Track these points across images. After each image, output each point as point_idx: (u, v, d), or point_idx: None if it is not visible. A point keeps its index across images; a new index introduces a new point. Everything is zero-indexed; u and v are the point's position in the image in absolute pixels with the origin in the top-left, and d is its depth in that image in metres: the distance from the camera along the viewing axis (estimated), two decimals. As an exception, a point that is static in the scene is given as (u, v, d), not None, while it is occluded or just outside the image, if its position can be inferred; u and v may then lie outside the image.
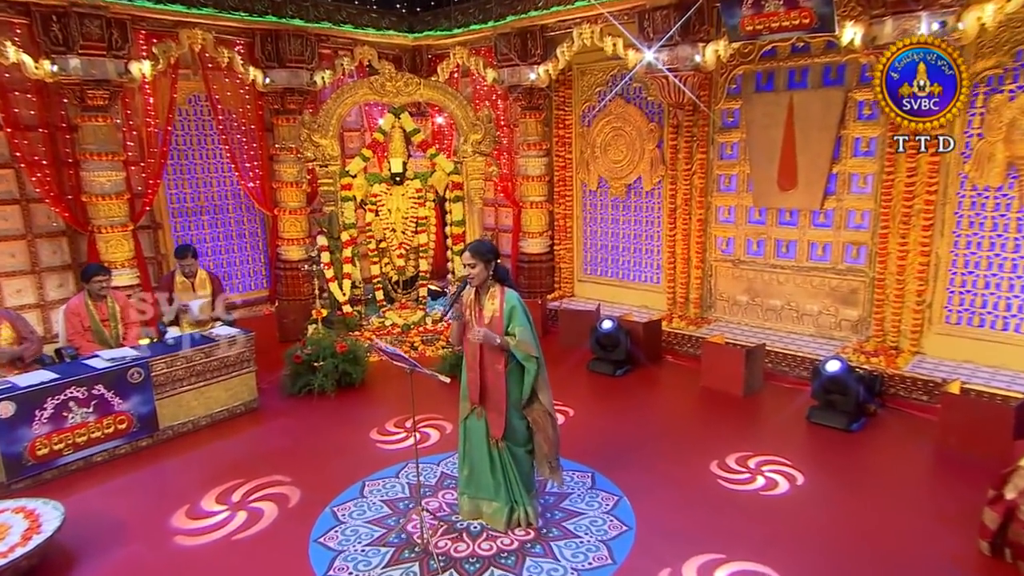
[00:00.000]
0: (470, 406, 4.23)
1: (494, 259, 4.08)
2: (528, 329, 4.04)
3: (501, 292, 4.07)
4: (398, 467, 5.16)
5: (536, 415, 4.18)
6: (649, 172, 8.15)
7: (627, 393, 6.67)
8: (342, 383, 6.68)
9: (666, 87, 7.17)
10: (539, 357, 4.07)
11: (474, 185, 8.36)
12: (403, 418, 6.03)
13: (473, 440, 4.27)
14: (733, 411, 6.13)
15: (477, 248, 4.05)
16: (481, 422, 4.20)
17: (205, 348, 5.92)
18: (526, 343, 4.00)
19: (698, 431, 5.76)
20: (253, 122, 8.70)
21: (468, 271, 4.03)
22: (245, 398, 6.25)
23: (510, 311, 4.03)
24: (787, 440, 5.48)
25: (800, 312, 7.21)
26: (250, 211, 9.02)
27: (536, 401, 4.16)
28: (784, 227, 7.21)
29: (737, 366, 6.33)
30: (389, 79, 8.05)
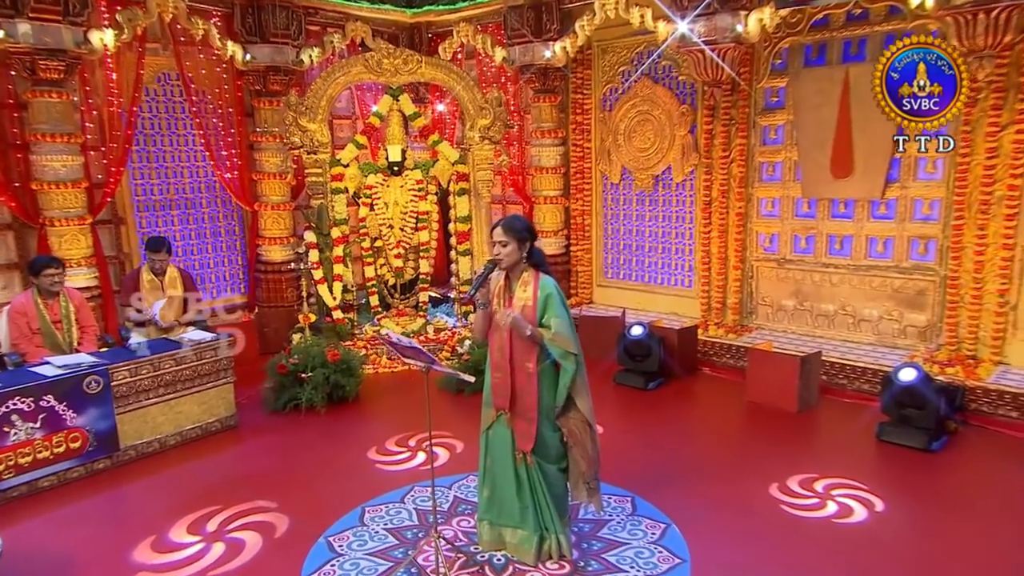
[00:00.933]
0: (495, 413, 3.89)
1: (530, 239, 3.78)
2: (566, 321, 3.73)
3: (535, 278, 3.76)
4: (403, 491, 4.81)
5: (573, 425, 3.84)
6: (680, 161, 7.89)
7: (662, 408, 6.36)
8: (333, 397, 6.36)
9: (701, 63, 6.90)
10: (578, 355, 3.75)
11: (482, 177, 8.09)
12: (406, 435, 5.73)
13: (496, 454, 3.92)
14: (788, 428, 5.83)
15: (510, 224, 3.74)
16: (507, 432, 3.86)
17: (176, 354, 5.57)
18: (563, 337, 3.68)
19: (750, 450, 5.45)
20: (231, 105, 8.39)
21: (498, 250, 3.72)
22: (221, 413, 5.89)
23: (545, 299, 3.71)
24: (857, 461, 5.17)
25: (857, 318, 6.92)
26: (226, 206, 8.69)
27: (573, 408, 3.83)
28: (838, 220, 6.95)
29: (790, 377, 6.02)
30: (387, 56, 7.82)
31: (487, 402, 3.94)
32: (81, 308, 5.82)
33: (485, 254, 8.22)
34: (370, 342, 7.62)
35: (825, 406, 6.23)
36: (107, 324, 7.09)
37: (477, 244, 8.21)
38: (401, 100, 7.96)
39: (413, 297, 8.32)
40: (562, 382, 3.75)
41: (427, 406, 3.90)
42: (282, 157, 8.41)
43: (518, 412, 3.81)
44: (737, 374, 6.99)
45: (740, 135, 7.35)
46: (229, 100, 8.38)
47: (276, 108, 8.28)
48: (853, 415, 5.97)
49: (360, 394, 6.59)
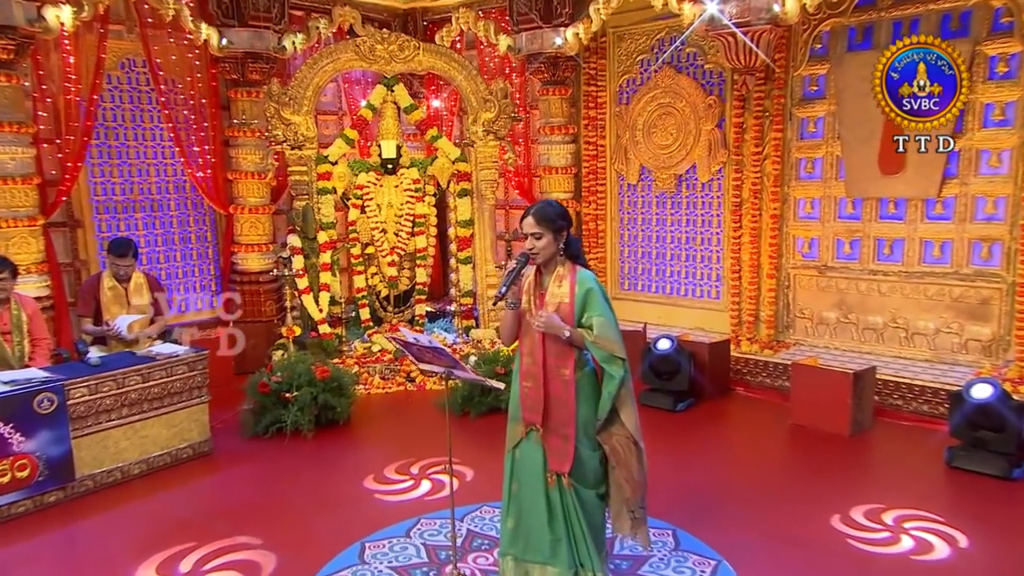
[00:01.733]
0: (523, 428, 3.61)
1: (566, 227, 3.52)
2: (611, 320, 3.46)
3: (572, 272, 3.50)
4: (408, 523, 4.51)
5: (616, 443, 3.54)
6: (707, 159, 7.71)
7: (696, 432, 6.12)
8: (322, 420, 6.07)
9: (732, 48, 6.74)
10: (626, 360, 3.47)
11: (485, 176, 7.88)
12: (407, 462, 5.45)
13: (524, 477, 3.62)
14: (842, 453, 5.59)
15: (542, 212, 3.47)
16: (538, 452, 3.56)
17: (143, 369, 5.24)
18: (608, 338, 3.40)
19: (802, 478, 5.20)
20: (204, 95, 8.15)
21: (531, 243, 3.45)
22: (194, 438, 5.58)
23: (584, 296, 3.45)
24: (927, 490, 4.92)
25: (910, 331, 6.71)
26: (198, 209, 8.41)
27: (616, 423, 3.53)
28: (887, 222, 6.78)
29: (842, 396, 5.78)
30: (380, 42, 7.62)
31: (514, 417, 3.67)
32: (34, 318, 5.50)
33: (488, 263, 7.97)
34: (360, 360, 7.31)
35: (881, 429, 5.99)
36: (60, 339, 6.77)
37: (480, 251, 7.95)
38: (396, 91, 7.74)
39: (408, 310, 8.02)
40: (605, 391, 3.47)
41: (447, 421, 3.64)
42: (262, 154, 8.16)
43: (552, 427, 3.52)
44: (775, 395, 6.78)
45: (775, 128, 7.19)
46: (202, 90, 8.15)
47: (255, 99, 8.04)
48: (915, 439, 5.75)
49: (351, 417, 6.30)
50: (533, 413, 3.55)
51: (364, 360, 7.35)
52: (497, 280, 7.99)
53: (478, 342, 7.66)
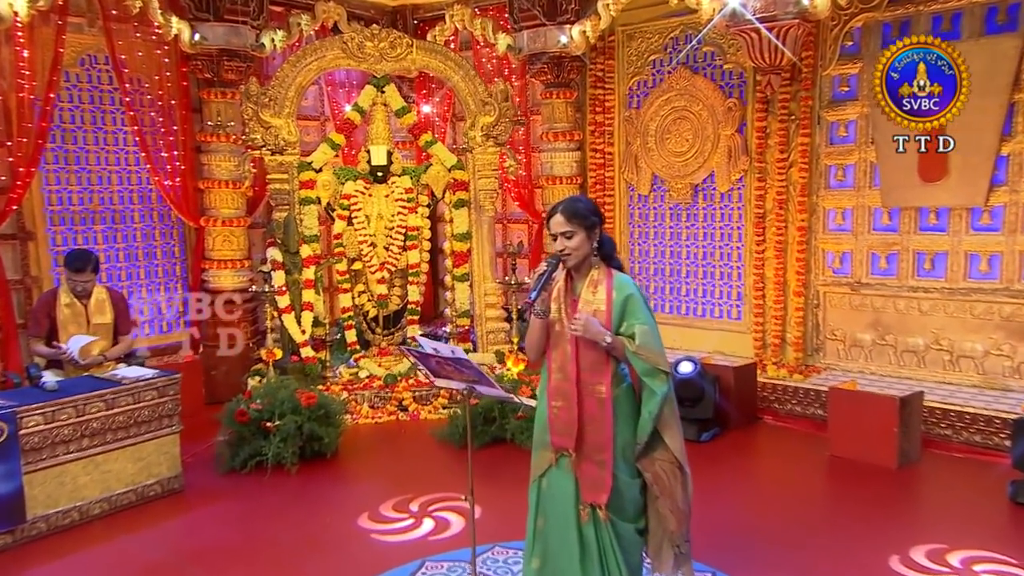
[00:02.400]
0: (552, 455, 3.39)
1: (599, 224, 3.35)
2: (654, 329, 3.29)
3: (607, 276, 3.33)
4: (411, 567, 4.28)
5: (660, 469, 3.33)
6: (726, 166, 7.59)
7: (726, 464, 5.92)
8: (307, 452, 5.81)
9: (756, 45, 6.61)
10: (669, 373, 3.29)
11: (484, 186, 7.68)
12: (405, 498, 5.21)
13: (553, 511, 3.39)
14: (891, 488, 5.39)
15: (573, 208, 3.29)
16: (568, 481, 3.34)
17: (106, 395, 4.94)
18: (651, 349, 3.22)
19: (851, 515, 4.96)
20: (174, 96, 7.92)
21: (561, 244, 3.27)
22: (163, 473, 5.29)
23: (623, 302, 3.27)
24: (994, 528, 4.72)
25: (955, 353, 6.56)
26: (164, 221, 8.14)
27: (659, 446, 3.33)
28: (928, 234, 6.67)
29: (887, 424, 5.60)
30: (370, 38, 7.48)
31: (540, 442, 3.44)
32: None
33: (487, 280, 7.75)
34: (347, 387, 7.03)
35: (930, 461, 5.80)
36: (8, 362, 6.47)
37: (478, 268, 7.73)
38: (387, 92, 7.56)
39: (399, 332, 7.75)
40: (646, 410, 3.27)
41: (468, 444, 3.38)
42: (237, 161, 7.91)
43: (586, 453, 3.31)
44: (807, 424, 6.63)
45: (802, 133, 7.07)
46: (171, 90, 7.92)
47: (230, 101, 7.84)
48: (970, 472, 5.56)
49: (339, 449, 6.05)
50: (564, 437, 3.34)
51: (351, 387, 7.08)
52: (497, 298, 7.80)
53: (426, 378, 7.38)
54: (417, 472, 5.72)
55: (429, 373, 3.38)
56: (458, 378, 3.24)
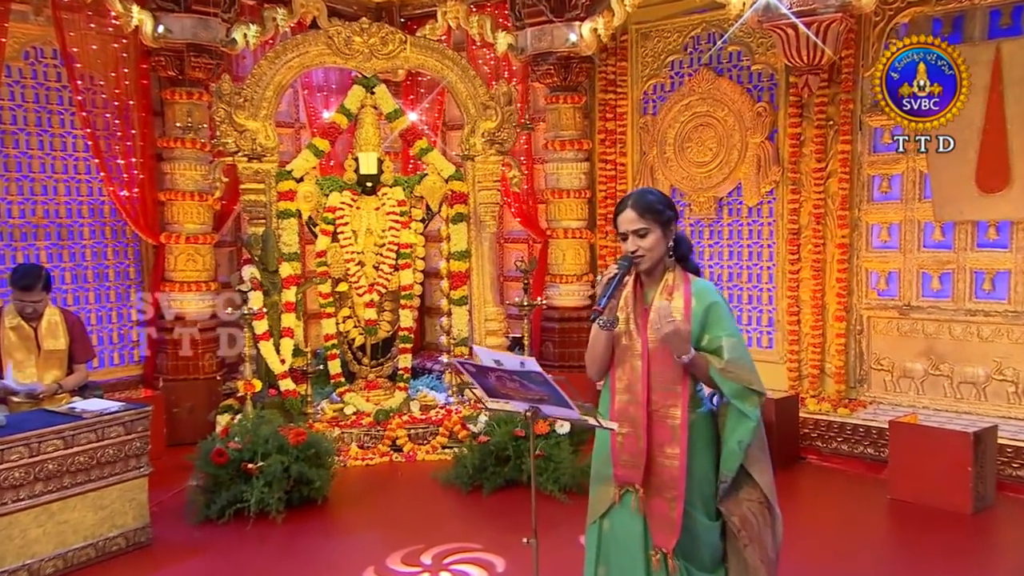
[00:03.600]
0: (616, 491, 3.15)
1: (675, 220, 3.14)
2: (742, 342, 3.11)
3: (685, 281, 3.12)
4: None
5: (747, 511, 3.09)
6: (755, 178, 7.44)
7: (774, 511, 5.60)
8: (295, 498, 5.45)
9: (792, 42, 6.52)
10: (763, 395, 3.06)
11: (485, 198, 7.42)
12: (414, 550, 4.91)
13: (617, 556, 3.15)
14: (967, 536, 5.19)
15: (646, 201, 3.07)
16: (636, 521, 3.09)
17: (65, 431, 4.54)
18: (743, 365, 3.03)
19: (927, 568, 4.74)
20: (132, 96, 7.65)
21: (633, 244, 3.04)
22: (128, 524, 4.90)
23: (706, 311, 3.07)
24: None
25: (1020, 384, 6.39)
26: (119, 237, 7.81)
27: (747, 484, 3.11)
28: (988, 250, 6.54)
29: (961, 463, 5.39)
30: (359, 33, 7.25)
31: (601, 475, 3.21)
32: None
33: (488, 304, 7.46)
34: (331, 424, 6.66)
35: (1006, 506, 5.58)
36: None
37: (478, 290, 7.43)
38: (377, 93, 7.29)
39: (388, 363, 7.40)
40: (734, 440, 3.04)
41: (532, 482, 3.05)
42: (204, 170, 7.61)
43: (655, 488, 3.06)
44: (857, 464, 6.45)
45: (842, 140, 6.95)
46: (130, 89, 7.66)
47: (197, 102, 7.59)
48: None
49: (329, 494, 5.68)
50: (630, 469, 3.10)
51: (337, 425, 6.71)
52: (500, 325, 7.51)
53: (476, 402, 7.07)
54: (423, 520, 5.44)
55: (483, 393, 3.06)
56: (520, 397, 2.93)
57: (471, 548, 4.84)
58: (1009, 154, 6.26)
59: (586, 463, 5.66)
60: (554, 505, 5.46)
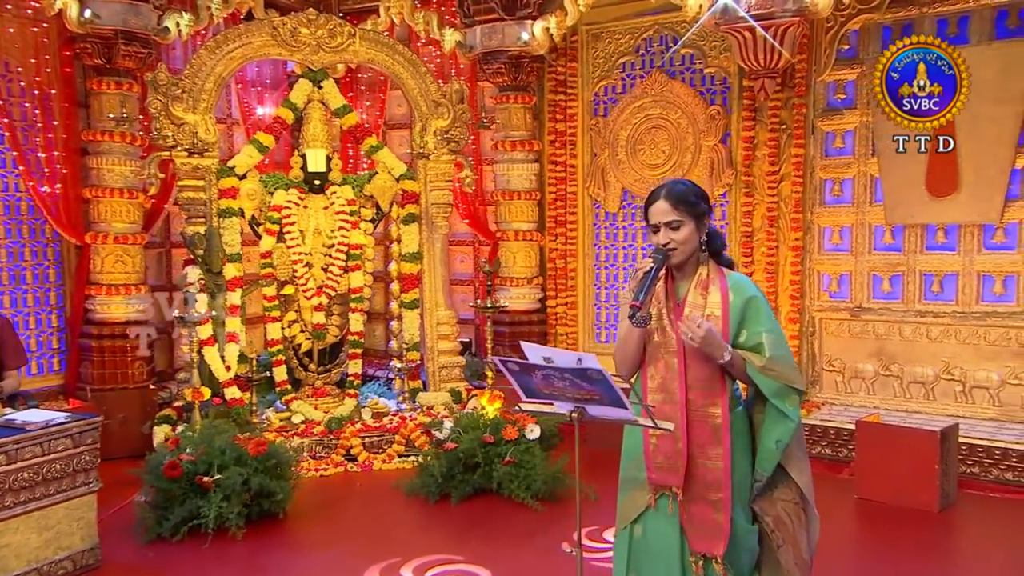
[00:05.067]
0: (650, 495, 2.99)
1: (709, 213, 3.01)
2: (783, 338, 2.99)
3: (720, 276, 3.00)
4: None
5: (782, 512, 3.00)
6: (708, 180, 7.42)
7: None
8: (254, 513, 5.09)
9: (749, 46, 6.52)
10: (803, 393, 2.95)
11: (437, 198, 7.19)
12: (392, 563, 4.66)
13: (650, 564, 3.00)
14: (939, 534, 5.23)
15: (679, 192, 2.95)
16: (672, 526, 2.96)
17: (7, 445, 4.10)
18: (784, 363, 2.91)
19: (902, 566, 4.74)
20: (54, 85, 7.12)
21: (665, 236, 2.91)
22: (75, 545, 4.46)
23: (743, 306, 2.94)
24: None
25: (968, 384, 6.53)
26: (37, 237, 7.26)
27: (783, 483, 3.01)
28: (937, 253, 6.66)
29: (927, 462, 5.44)
30: (305, 24, 6.93)
31: (633, 479, 3.05)
32: None
33: (439, 307, 7.21)
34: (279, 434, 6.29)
35: (969, 503, 5.64)
36: None
37: (429, 292, 7.17)
38: (325, 87, 6.98)
39: (336, 369, 7.06)
40: (772, 439, 2.92)
41: (578, 486, 2.87)
42: (134, 166, 7.15)
43: (697, 492, 2.93)
44: (816, 464, 5.86)
45: (795, 143, 7.00)
46: (51, 78, 7.13)
47: (127, 93, 7.14)
48: (1020, 514, 5.42)
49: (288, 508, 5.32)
50: (667, 472, 2.96)
51: (283, 434, 6.34)
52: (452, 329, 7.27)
53: (428, 409, 6.83)
54: (393, 531, 5.20)
55: (521, 392, 2.84)
56: (566, 396, 2.74)
57: (452, 560, 4.61)
58: (958, 160, 6.37)
59: (557, 468, 5.58)
60: (526, 513, 5.31)
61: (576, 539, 3.02)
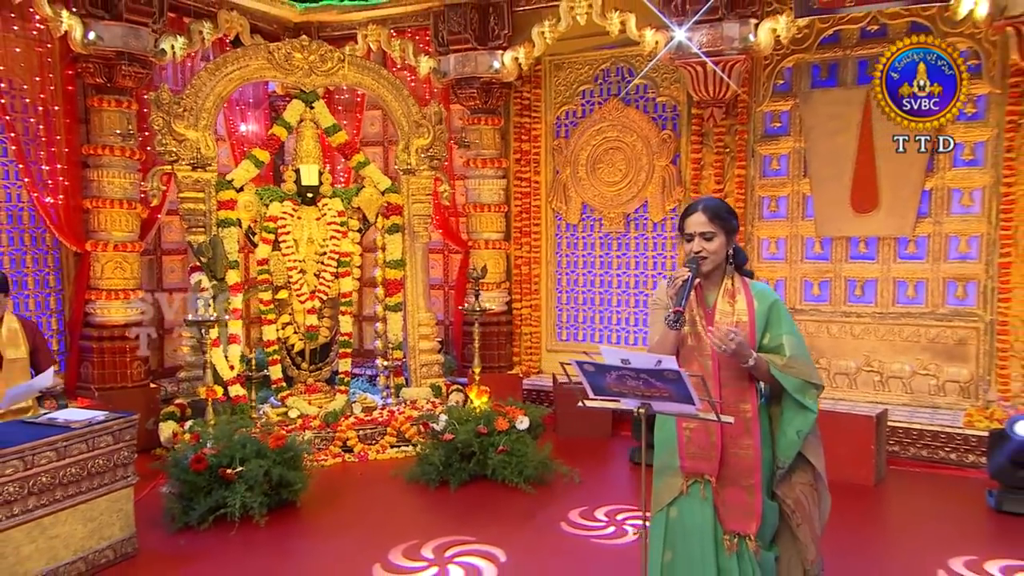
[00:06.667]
0: (684, 482, 3.06)
1: (736, 230, 3.10)
2: (801, 340, 3.07)
3: (744, 285, 3.08)
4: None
5: (800, 494, 3.09)
6: (660, 197, 7.57)
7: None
8: (273, 502, 4.99)
9: (700, 78, 6.71)
10: (822, 387, 3.07)
11: (418, 210, 7.19)
12: (413, 544, 4.62)
13: (685, 543, 3.05)
14: (877, 505, 5.44)
15: (715, 208, 3.03)
16: (706, 508, 3.03)
17: (57, 442, 3.97)
18: (804, 361, 3.00)
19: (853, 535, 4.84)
20: (57, 102, 6.84)
21: (699, 246, 2.99)
22: (115, 535, 4.32)
23: (768, 312, 3.03)
24: (1002, 536, 4.82)
25: (884, 375, 6.83)
26: (39, 244, 6.97)
27: (800, 468, 3.10)
28: (859, 262, 6.92)
29: (864, 442, 5.67)
30: (299, 49, 6.87)
31: (667, 467, 3.11)
32: None
33: (420, 310, 7.20)
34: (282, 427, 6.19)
35: (897, 478, 5.89)
36: None
37: (411, 296, 7.17)
38: (316, 107, 6.91)
39: (327, 367, 7.00)
40: (793, 429, 3.01)
41: (643, 459, 2.94)
42: (132, 178, 6.94)
43: (730, 478, 3.02)
44: None
45: (738, 165, 7.17)
46: (54, 95, 6.85)
47: (125, 110, 6.91)
48: (941, 485, 5.74)
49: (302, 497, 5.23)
50: (702, 461, 3.03)
51: (286, 428, 6.23)
52: (431, 330, 7.27)
53: (412, 403, 6.83)
54: (404, 516, 5.17)
55: (589, 390, 2.89)
56: (635, 394, 2.78)
57: (466, 540, 4.59)
58: (878, 181, 6.64)
59: (544, 454, 5.66)
60: (520, 495, 5.34)
61: (642, 523, 3.08)
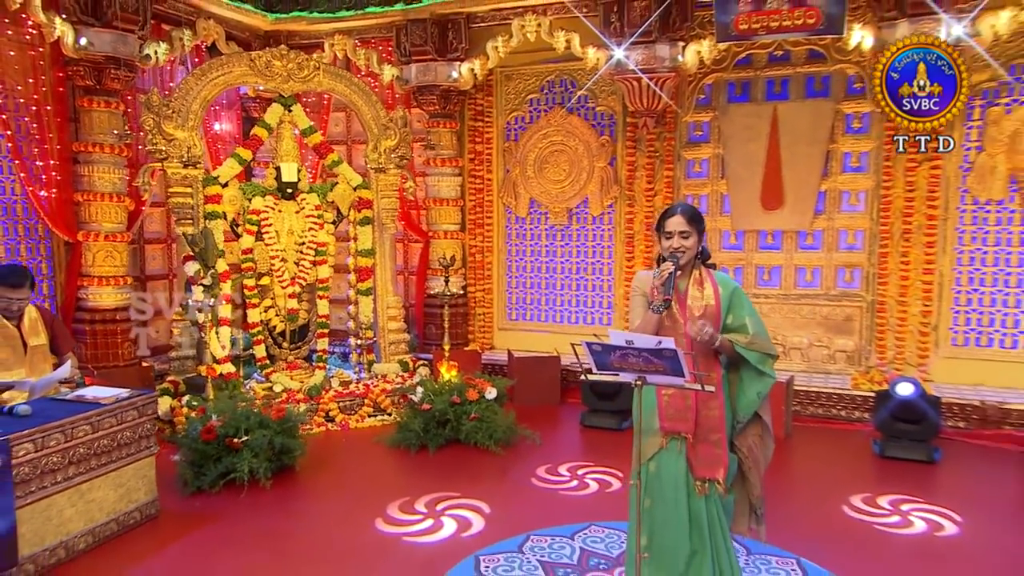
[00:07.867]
0: (662, 439, 3.34)
1: (704, 230, 3.41)
2: (759, 319, 3.39)
3: (709, 275, 3.39)
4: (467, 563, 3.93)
5: (752, 443, 3.42)
6: (599, 194, 7.87)
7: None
8: (275, 467, 5.11)
9: (636, 91, 7.02)
10: (776, 356, 3.41)
11: (386, 205, 7.32)
12: (407, 500, 4.83)
13: (661, 489, 3.34)
14: (789, 454, 5.88)
15: (692, 211, 3.33)
16: (680, 461, 3.32)
17: (92, 417, 4.04)
18: (764, 337, 3.32)
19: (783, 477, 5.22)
20: (49, 102, 6.69)
21: (678, 243, 3.26)
22: (141, 498, 4.43)
23: (730, 297, 3.33)
24: (885, 476, 5.33)
25: (787, 346, 7.32)
26: (31, 235, 6.80)
27: (753, 422, 3.43)
28: (766, 251, 7.37)
29: (776, 403, 5.92)
30: (278, 58, 6.88)
31: (648, 428, 3.37)
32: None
33: (388, 294, 7.36)
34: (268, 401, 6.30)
35: (801, 432, 6.38)
36: None
37: (381, 282, 7.31)
38: (294, 111, 6.96)
39: (305, 346, 7.10)
40: (754, 392, 3.35)
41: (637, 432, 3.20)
42: (121, 173, 6.86)
43: (701, 435, 3.32)
44: None
45: (667, 168, 7.53)
46: (46, 96, 6.70)
47: (112, 111, 6.81)
48: (833, 437, 6.25)
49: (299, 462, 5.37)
50: (679, 422, 3.32)
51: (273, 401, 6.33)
52: (398, 311, 7.44)
53: (384, 377, 7.01)
54: (393, 476, 5.36)
55: (594, 367, 3.14)
56: (632, 369, 3.05)
57: (452, 496, 4.80)
58: (783, 183, 7.10)
59: (510, 420, 5.93)
60: (491, 456, 5.58)
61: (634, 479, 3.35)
